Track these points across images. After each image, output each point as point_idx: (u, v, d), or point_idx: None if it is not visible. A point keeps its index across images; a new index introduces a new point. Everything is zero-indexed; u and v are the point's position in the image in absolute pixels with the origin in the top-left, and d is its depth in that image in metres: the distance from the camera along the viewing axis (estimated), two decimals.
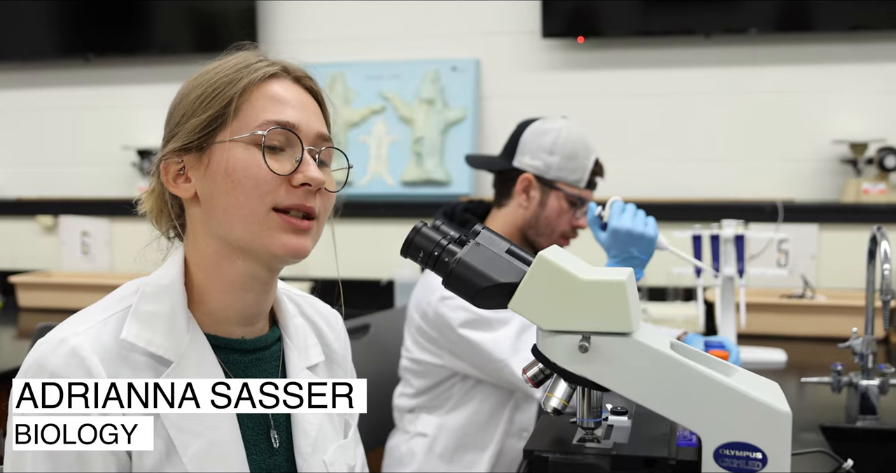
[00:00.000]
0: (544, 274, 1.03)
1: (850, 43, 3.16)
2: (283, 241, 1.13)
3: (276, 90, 1.17)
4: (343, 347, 1.39)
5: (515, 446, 2.11)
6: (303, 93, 1.20)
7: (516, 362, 1.94)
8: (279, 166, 1.13)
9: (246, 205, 1.12)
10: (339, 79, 3.50)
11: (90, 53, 3.67)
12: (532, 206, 2.13)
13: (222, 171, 1.13)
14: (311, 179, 1.13)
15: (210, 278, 1.18)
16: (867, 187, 3.09)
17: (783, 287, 2.94)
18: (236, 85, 1.15)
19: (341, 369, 1.37)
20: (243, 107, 1.15)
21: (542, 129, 2.14)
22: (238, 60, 1.18)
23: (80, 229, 3.71)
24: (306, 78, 1.21)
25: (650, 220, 1.96)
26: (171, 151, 1.16)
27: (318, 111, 1.21)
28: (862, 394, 1.91)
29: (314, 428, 1.23)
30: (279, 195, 1.12)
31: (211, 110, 1.14)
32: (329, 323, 1.38)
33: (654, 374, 1.01)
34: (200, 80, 1.18)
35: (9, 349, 3.06)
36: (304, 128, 1.16)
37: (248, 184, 1.12)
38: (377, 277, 3.33)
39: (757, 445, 0.99)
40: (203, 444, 1.12)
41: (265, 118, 1.14)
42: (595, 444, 1.08)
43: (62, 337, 1.10)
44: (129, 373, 1.11)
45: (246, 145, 1.13)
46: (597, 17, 3.32)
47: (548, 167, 2.12)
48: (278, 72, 1.18)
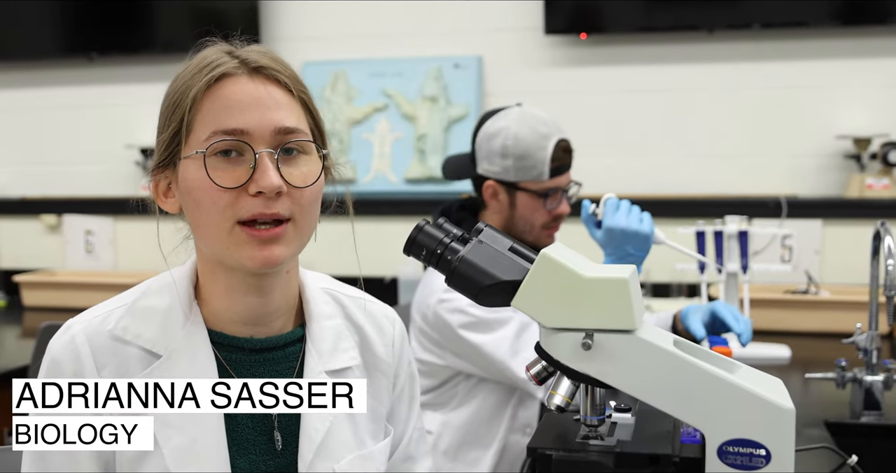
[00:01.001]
0: (547, 271, 1.02)
1: (853, 38, 3.16)
2: (249, 255, 1.09)
3: (227, 93, 1.10)
4: (393, 354, 1.31)
5: (519, 442, 2.11)
6: (261, 87, 1.12)
7: (516, 363, 1.94)
8: (230, 177, 1.09)
9: (210, 223, 1.10)
10: (342, 77, 3.50)
11: (93, 52, 3.68)
12: (504, 209, 2.09)
13: (185, 190, 1.12)
14: (265, 187, 1.07)
15: (210, 282, 1.18)
16: (871, 182, 3.09)
17: (787, 282, 2.94)
18: (188, 95, 1.10)
19: (385, 377, 1.29)
20: (195, 119, 1.10)
21: (491, 132, 2.08)
22: (195, 63, 1.13)
23: (83, 228, 3.71)
24: (267, 68, 1.13)
25: (645, 216, 1.94)
26: (154, 168, 1.15)
27: (283, 101, 1.13)
28: (866, 390, 1.91)
29: (320, 434, 1.19)
30: (239, 208, 1.08)
31: (171, 125, 1.12)
32: (379, 327, 1.31)
33: (658, 371, 1.00)
34: (169, 88, 1.15)
35: (13, 348, 3.07)
36: (256, 128, 1.09)
37: (205, 202, 1.09)
38: (381, 275, 3.33)
39: (761, 442, 0.99)
40: (184, 440, 1.12)
41: (212, 129, 1.09)
42: (599, 441, 1.08)
43: (69, 324, 1.16)
44: (119, 364, 1.13)
45: (197, 161, 1.09)
46: (599, 14, 3.32)
47: (506, 171, 2.06)
48: (231, 70, 1.11)
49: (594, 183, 3.18)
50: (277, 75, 1.13)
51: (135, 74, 3.68)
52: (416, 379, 1.37)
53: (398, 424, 1.32)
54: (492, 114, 2.14)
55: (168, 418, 1.12)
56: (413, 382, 1.36)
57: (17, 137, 3.89)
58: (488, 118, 2.13)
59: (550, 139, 2.07)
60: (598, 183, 3.20)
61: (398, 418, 1.33)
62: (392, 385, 1.31)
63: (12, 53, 3.79)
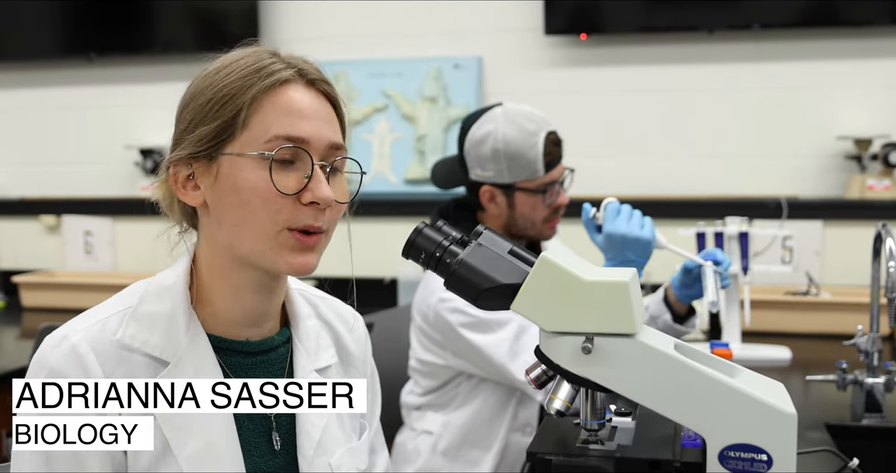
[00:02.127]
0: (547, 274, 1.02)
1: (854, 38, 3.15)
2: (288, 260, 1.11)
3: (288, 99, 1.11)
4: (361, 350, 1.36)
5: (520, 441, 2.11)
6: (317, 99, 1.14)
7: (515, 366, 1.93)
8: (288, 184, 1.09)
9: (256, 224, 1.10)
10: (342, 78, 3.49)
11: (93, 53, 3.67)
12: (503, 211, 2.08)
13: (230, 186, 1.10)
14: (321, 199, 1.10)
15: (217, 279, 1.17)
16: (872, 183, 3.08)
17: (788, 284, 2.93)
18: (246, 93, 1.10)
19: (358, 372, 1.34)
20: (253, 118, 1.10)
21: (478, 137, 2.06)
22: (250, 61, 1.13)
23: (82, 229, 3.71)
24: (321, 81, 1.16)
25: (647, 221, 1.91)
26: (181, 157, 1.13)
27: (332, 117, 1.16)
28: (867, 392, 1.90)
29: (318, 430, 1.21)
30: (292, 216, 1.10)
31: (220, 119, 1.10)
32: (347, 325, 1.35)
33: (658, 375, 1.00)
34: (210, 81, 1.13)
35: (12, 349, 3.06)
36: (316, 140, 1.11)
37: (256, 203, 1.09)
38: (380, 275, 3.33)
39: (762, 447, 0.98)
40: (199, 445, 1.11)
41: (275, 132, 1.09)
42: (599, 446, 1.07)
43: (63, 334, 1.12)
44: (126, 373, 1.11)
45: (254, 161, 1.09)
46: (599, 14, 3.32)
47: (500, 174, 2.04)
48: (291, 76, 1.13)
49: (594, 183, 3.18)
50: (329, 90, 1.17)
51: (134, 75, 3.67)
52: (377, 374, 1.42)
53: (367, 418, 1.36)
54: (475, 117, 2.11)
55: (178, 424, 1.11)
56: (375, 378, 1.41)
57: (16, 138, 3.88)
58: (472, 122, 2.09)
59: (539, 135, 2.04)
60: (599, 183, 3.20)
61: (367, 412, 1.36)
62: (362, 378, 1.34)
63: (11, 54, 3.78)
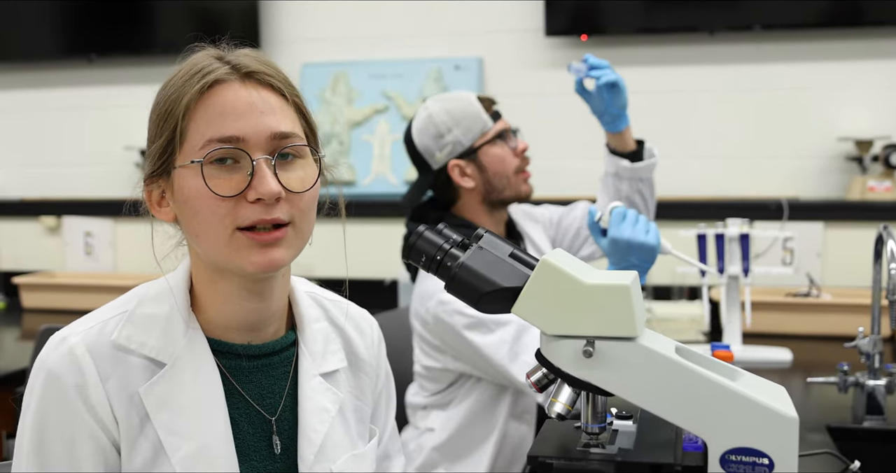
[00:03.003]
0: (548, 277, 1.01)
1: (855, 39, 3.15)
2: (251, 260, 1.09)
3: (219, 100, 1.10)
4: (373, 354, 1.34)
5: (518, 428, 2.12)
6: (254, 92, 1.11)
7: (516, 368, 1.93)
8: (228, 185, 1.08)
9: (209, 231, 1.09)
10: (342, 79, 3.49)
11: (93, 53, 3.67)
12: (476, 177, 2.12)
13: (183, 198, 1.11)
14: (264, 194, 1.07)
15: (206, 289, 1.18)
16: (873, 184, 3.08)
17: (788, 285, 2.93)
18: (180, 103, 1.09)
19: (368, 377, 1.32)
20: (188, 128, 1.09)
21: (421, 126, 2.13)
22: (185, 70, 1.13)
23: (83, 230, 3.71)
24: (259, 73, 1.12)
25: (652, 227, 1.91)
26: (147, 177, 1.14)
27: (276, 106, 1.12)
28: (868, 394, 1.90)
29: (319, 436, 1.20)
30: (238, 215, 1.08)
31: (164, 134, 1.11)
32: (360, 329, 1.34)
33: (660, 379, 0.99)
34: (159, 96, 1.14)
35: (12, 350, 3.06)
36: (252, 134, 1.09)
37: (204, 211, 1.09)
38: (381, 277, 3.32)
39: (764, 450, 0.98)
40: (193, 447, 1.11)
41: (208, 136, 1.08)
42: (600, 450, 1.07)
43: (63, 336, 1.13)
44: (123, 374, 1.11)
45: (194, 170, 1.08)
46: (600, 15, 3.31)
47: (457, 143, 2.10)
48: (223, 75, 1.10)
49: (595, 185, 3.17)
50: (270, 80, 1.13)
51: (134, 76, 3.67)
52: (392, 378, 1.40)
53: (378, 423, 1.35)
54: (409, 123, 2.19)
55: (172, 426, 1.11)
56: (390, 382, 1.40)
57: (16, 138, 3.88)
58: (409, 126, 2.18)
59: (470, 97, 2.14)
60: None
61: (378, 417, 1.36)
62: (374, 384, 1.34)
63: (12, 54, 3.79)
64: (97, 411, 1.09)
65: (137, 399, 1.11)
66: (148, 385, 1.12)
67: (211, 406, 1.14)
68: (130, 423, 1.10)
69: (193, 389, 1.13)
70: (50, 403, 1.09)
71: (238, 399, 1.18)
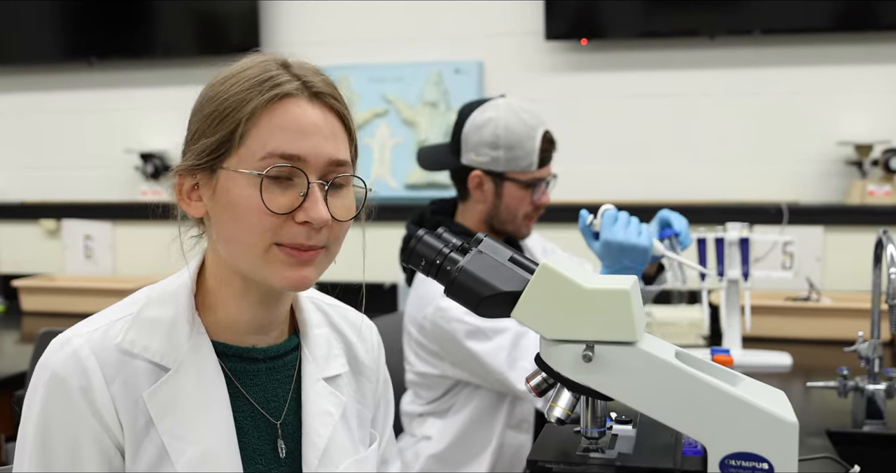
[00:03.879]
0: (547, 282, 1.01)
1: (855, 43, 3.15)
2: (283, 275, 1.10)
3: (287, 115, 1.09)
4: (374, 359, 1.35)
5: (515, 438, 2.12)
6: (320, 114, 1.11)
7: (514, 375, 1.93)
8: (281, 203, 1.08)
9: (246, 240, 1.09)
10: (343, 82, 3.49)
11: (93, 57, 3.67)
12: (489, 199, 2.12)
13: (225, 201, 1.10)
14: (314, 219, 1.08)
15: (222, 288, 1.17)
16: (872, 189, 3.08)
17: (788, 289, 2.93)
18: (245, 108, 1.08)
19: (369, 382, 1.33)
20: (250, 133, 1.08)
21: (480, 122, 2.08)
22: (254, 72, 1.11)
23: (82, 233, 3.71)
24: (327, 95, 1.13)
25: (644, 229, 1.90)
26: (185, 167, 1.13)
27: (337, 132, 1.13)
28: (868, 399, 1.90)
29: (323, 440, 1.21)
30: (281, 233, 1.08)
31: (219, 133, 1.09)
32: (360, 334, 1.34)
33: (659, 384, 0.99)
34: (215, 91, 1.12)
35: (11, 353, 3.06)
36: (313, 157, 1.09)
37: (248, 220, 1.08)
38: (380, 281, 3.33)
39: (763, 455, 0.98)
40: (197, 452, 1.11)
41: (270, 149, 1.08)
42: (599, 454, 1.07)
43: (67, 338, 1.13)
44: (127, 378, 1.11)
45: (248, 178, 1.08)
46: (600, 19, 3.31)
47: (495, 161, 2.08)
48: (294, 90, 1.10)
49: (595, 189, 3.18)
50: (336, 105, 1.14)
51: (135, 79, 3.67)
52: (390, 384, 1.41)
53: (377, 428, 1.36)
54: (476, 105, 2.13)
55: (176, 430, 1.11)
56: (388, 387, 1.40)
57: (16, 141, 3.88)
58: (473, 109, 2.12)
59: (538, 130, 2.09)
60: (599, 189, 3.20)
61: (378, 422, 1.36)
62: (375, 389, 1.35)
63: (12, 57, 3.79)
64: (102, 414, 1.09)
65: (142, 403, 1.11)
66: (152, 389, 1.11)
67: (215, 411, 1.14)
68: (135, 427, 1.10)
69: (198, 393, 1.13)
70: (54, 405, 1.09)
71: (243, 402, 1.18)
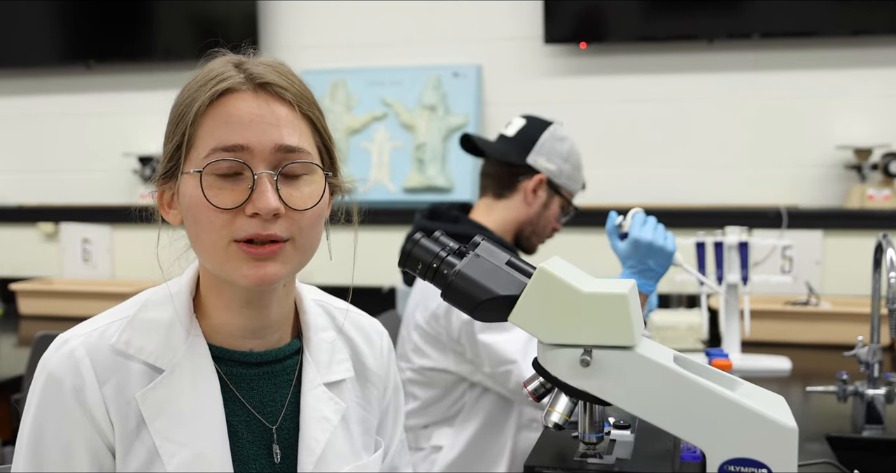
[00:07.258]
0: (545, 286, 1.01)
1: (854, 47, 3.15)
2: (243, 272, 1.08)
3: (228, 108, 1.08)
4: (382, 366, 1.32)
5: (528, 437, 2.12)
6: (264, 104, 1.09)
7: (526, 365, 1.94)
8: (228, 198, 1.07)
9: (207, 240, 1.09)
10: (341, 86, 3.49)
11: (91, 60, 3.67)
12: (536, 206, 2.18)
13: (185, 205, 1.10)
14: (260, 209, 1.05)
15: (210, 294, 1.17)
16: (872, 193, 3.07)
17: (787, 294, 2.92)
18: (192, 109, 1.08)
19: (376, 388, 1.30)
20: (197, 134, 1.08)
21: (560, 135, 2.20)
22: (202, 75, 1.11)
23: (80, 236, 3.70)
24: (274, 85, 1.10)
25: (669, 235, 1.93)
26: (157, 177, 1.14)
27: (286, 119, 1.10)
28: (868, 403, 1.89)
29: (320, 445, 1.19)
30: (235, 228, 1.07)
31: (175, 138, 1.10)
32: (369, 339, 1.31)
33: (657, 389, 0.99)
34: (175, 100, 1.13)
35: (9, 357, 3.05)
36: (256, 145, 1.07)
37: (202, 220, 1.08)
38: (379, 284, 3.32)
39: (762, 461, 0.97)
40: (188, 454, 1.10)
41: (213, 145, 1.07)
42: (597, 460, 1.06)
43: (66, 338, 1.13)
44: (121, 379, 1.11)
45: (195, 178, 1.07)
46: (599, 23, 3.31)
47: (560, 173, 2.19)
48: (235, 85, 1.09)
49: (595, 193, 3.17)
50: (283, 92, 1.11)
51: (133, 82, 3.67)
52: (401, 390, 1.38)
53: (385, 435, 1.33)
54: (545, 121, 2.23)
55: (168, 433, 1.10)
56: (398, 394, 1.37)
57: (14, 145, 3.88)
58: (547, 124, 2.22)
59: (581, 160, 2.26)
60: (599, 193, 3.19)
61: (385, 429, 1.33)
62: (382, 396, 1.32)
63: (10, 61, 3.78)
64: (93, 414, 1.09)
65: (134, 404, 1.10)
66: (145, 390, 1.11)
67: (208, 414, 1.13)
68: (126, 428, 1.10)
69: (191, 396, 1.13)
70: (48, 404, 1.09)
71: (238, 406, 1.17)
